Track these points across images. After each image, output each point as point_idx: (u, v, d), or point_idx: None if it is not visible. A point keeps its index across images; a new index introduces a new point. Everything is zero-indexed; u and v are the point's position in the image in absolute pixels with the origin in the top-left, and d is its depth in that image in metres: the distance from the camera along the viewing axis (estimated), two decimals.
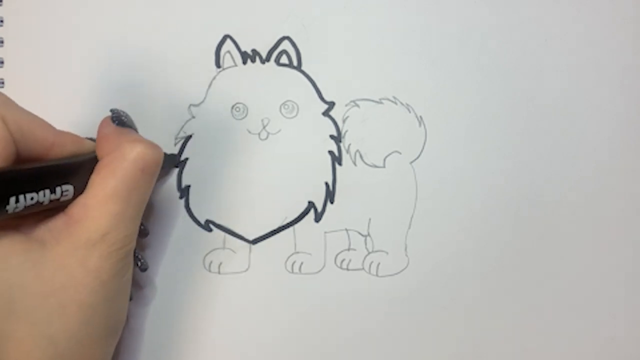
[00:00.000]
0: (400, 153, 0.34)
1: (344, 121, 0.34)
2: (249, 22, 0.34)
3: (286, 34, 0.34)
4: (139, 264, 0.31)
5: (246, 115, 0.34)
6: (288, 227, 0.34)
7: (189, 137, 0.34)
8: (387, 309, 0.34)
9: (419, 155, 0.34)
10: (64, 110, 0.34)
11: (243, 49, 0.34)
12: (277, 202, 0.34)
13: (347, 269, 0.34)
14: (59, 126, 0.34)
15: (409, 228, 0.34)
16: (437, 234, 0.34)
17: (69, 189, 0.25)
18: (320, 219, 0.34)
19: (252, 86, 0.34)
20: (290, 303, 0.34)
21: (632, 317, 0.35)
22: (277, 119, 0.34)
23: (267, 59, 0.34)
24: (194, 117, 0.34)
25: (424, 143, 0.35)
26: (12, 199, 0.22)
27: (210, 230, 0.34)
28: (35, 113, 0.33)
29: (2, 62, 0.34)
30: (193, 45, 0.34)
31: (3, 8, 0.34)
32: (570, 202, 0.35)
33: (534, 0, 0.35)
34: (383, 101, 0.34)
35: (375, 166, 0.34)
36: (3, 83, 0.34)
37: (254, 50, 0.34)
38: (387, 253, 0.34)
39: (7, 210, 0.22)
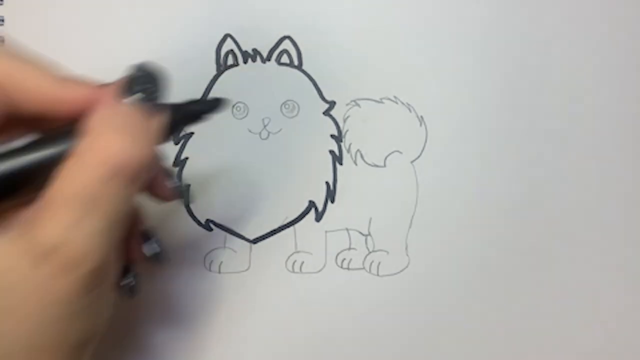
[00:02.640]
0: (401, 152, 0.34)
1: (344, 120, 0.34)
2: (250, 22, 0.34)
3: (287, 34, 0.34)
4: (129, 287, 0.27)
5: (247, 115, 0.34)
6: (289, 226, 0.34)
7: (190, 136, 0.34)
8: (388, 309, 0.34)
9: (420, 155, 0.34)
10: None
11: (244, 48, 0.34)
12: (277, 201, 0.34)
13: (348, 269, 0.34)
14: None
15: (410, 227, 0.34)
16: (438, 233, 0.34)
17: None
18: (320, 218, 0.34)
19: (253, 85, 0.34)
20: (291, 302, 0.34)
21: (632, 317, 0.35)
22: (278, 119, 0.34)
23: (268, 59, 0.34)
24: None
25: (425, 143, 0.35)
26: None
27: (210, 229, 0.34)
28: None
29: None
30: (194, 44, 0.34)
31: (3, 8, 0.34)
32: (571, 201, 0.35)
33: (535, 0, 0.35)
34: (384, 101, 0.34)
35: (376, 166, 0.34)
36: None
37: (254, 50, 0.34)
38: (387, 252, 0.34)
39: None
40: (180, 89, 0.33)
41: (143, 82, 0.23)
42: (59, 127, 0.23)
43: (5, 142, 0.22)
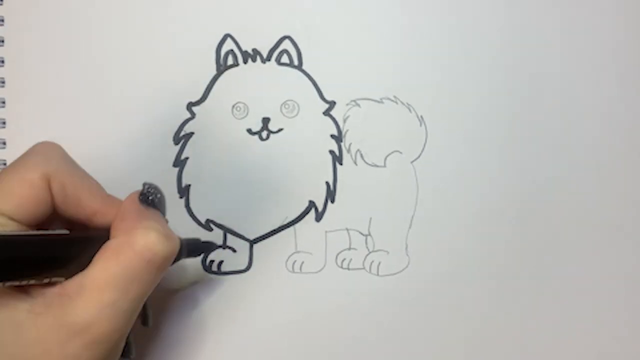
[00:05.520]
0: (401, 152, 0.34)
1: (344, 120, 0.34)
2: (250, 21, 0.34)
3: (287, 34, 0.34)
4: (125, 351, 0.28)
5: (247, 115, 0.34)
6: (289, 226, 0.34)
7: (190, 136, 0.34)
8: (388, 309, 0.34)
9: (420, 155, 0.34)
10: (65, 109, 0.34)
11: (244, 48, 0.34)
12: (277, 201, 0.34)
13: (348, 269, 0.34)
14: (60, 125, 0.34)
15: (410, 227, 0.34)
16: (438, 233, 0.34)
17: (59, 280, 0.24)
18: (321, 218, 0.34)
19: (253, 85, 0.34)
20: (291, 302, 0.34)
21: (633, 317, 0.35)
22: (278, 119, 0.34)
23: (268, 58, 0.34)
24: (194, 116, 0.34)
25: (425, 143, 0.35)
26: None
27: (210, 229, 0.34)
28: (35, 112, 0.34)
29: (3, 62, 0.34)
30: (194, 44, 0.34)
31: (3, 7, 0.34)
32: (571, 201, 0.35)
33: (534, 0, 0.35)
34: (384, 100, 0.34)
35: (376, 166, 0.34)
36: (3, 82, 0.34)
37: (254, 50, 0.34)
38: (387, 252, 0.34)
39: None
40: (181, 89, 0.34)
41: (154, 193, 0.27)
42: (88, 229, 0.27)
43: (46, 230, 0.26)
